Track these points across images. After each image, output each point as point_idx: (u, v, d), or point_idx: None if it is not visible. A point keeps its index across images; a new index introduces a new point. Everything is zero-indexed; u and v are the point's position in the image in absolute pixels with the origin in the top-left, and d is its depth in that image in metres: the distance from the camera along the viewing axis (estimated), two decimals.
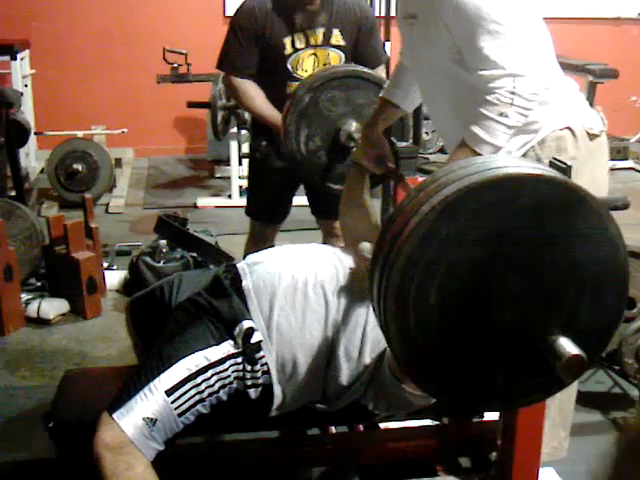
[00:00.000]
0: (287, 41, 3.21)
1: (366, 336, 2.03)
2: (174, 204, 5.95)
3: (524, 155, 2.22)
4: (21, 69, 6.41)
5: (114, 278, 4.35)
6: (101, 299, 4.11)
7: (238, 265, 2.20)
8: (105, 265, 4.44)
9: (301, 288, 2.06)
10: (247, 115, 5.61)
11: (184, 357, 1.95)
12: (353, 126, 2.88)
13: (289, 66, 3.24)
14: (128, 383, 1.96)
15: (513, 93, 1.99)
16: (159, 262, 4.10)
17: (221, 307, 2.06)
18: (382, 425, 2.57)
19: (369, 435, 2.57)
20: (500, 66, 2.00)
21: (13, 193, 4.67)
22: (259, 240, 3.56)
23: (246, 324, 2.00)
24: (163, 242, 4.14)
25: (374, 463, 2.54)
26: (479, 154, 2.01)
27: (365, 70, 3.02)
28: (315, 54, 3.26)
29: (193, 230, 4.39)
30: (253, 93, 3.28)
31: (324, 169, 2.97)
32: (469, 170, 1.46)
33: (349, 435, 2.63)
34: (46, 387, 3.31)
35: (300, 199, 3.62)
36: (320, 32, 3.23)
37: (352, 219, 2.59)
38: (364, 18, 3.35)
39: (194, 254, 4.16)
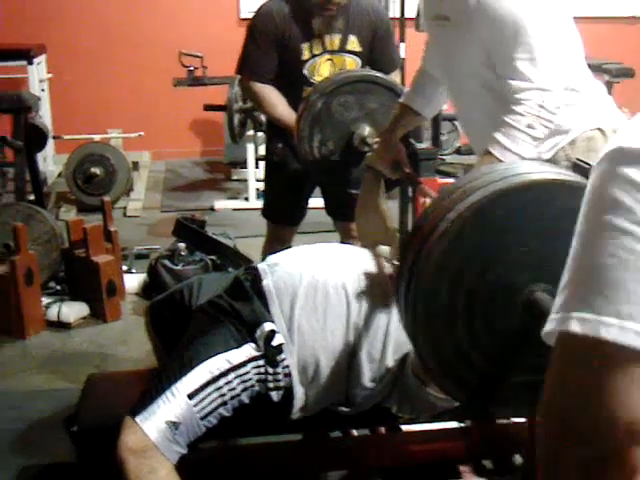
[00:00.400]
0: (305, 47, 3.21)
1: (389, 337, 2.03)
2: (191, 207, 5.95)
3: (554, 156, 2.23)
4: (38, 73, 6.44)
5: (133, 281, 4.36)
6: (120, 302, 4.12)
7: (259, 266, 2.21)
8: (124, 268, 4.45)
9: (322, 289, 2.06)
10: (263, 117, 5.62)
11: (206, 360, 1.96)
12: (366, 130, 2.87)
13: (306, 72, 3.24)
14: (150, 386, 1.97)
15: (541, 107, 2.03)
16: (178, 265, 4.11)
17: (242, 309, 2.06)
18: (404, 427, 2.56)
19: (392, 437, 2.57)
20: (529, 79, 2.03)
21: (32, 197, 4.69)
22: (276, 242, 3.57)
23: (267, 326, 2.01)
24: (182, 245, 4.14)
25: (397, 465, 2.54)
26: (501, 162, 2.03)
27: (377, 74, 3.03)
28: (331, 60, 3.26)
29: (211, 233, 4.40)
30: (275, 100, 3.28)
31: (338, 173, 2.97)
32: (493, 176, 1.47)
33: (372, 437, 2.63)
34: (67, 390, 3.31)
35: (317, 201, 3.62)
36: (337, 38, 3.24)
37: (368, 223, 2.59)
38: (379, 23, 3.35)
39: (213, 257, 4.17)
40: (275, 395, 2.03)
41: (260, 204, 5.78)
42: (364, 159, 2.79)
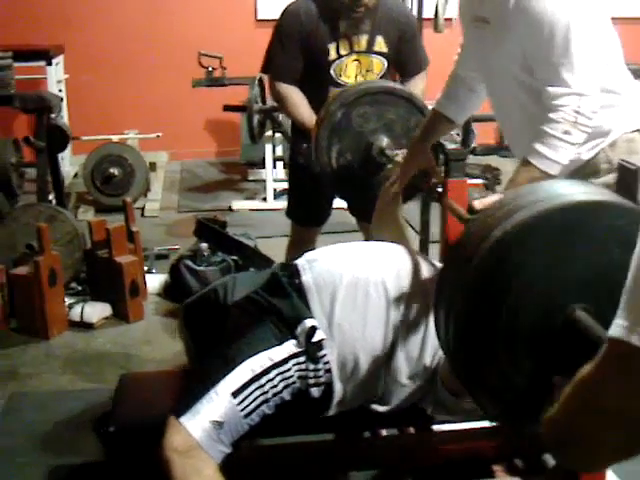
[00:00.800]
0: (332, 47, 3.21)
1: (427, 336, 2.04)
2: (209, 207, 5.97)
3: (594, 157, 2.23)
4: (56, 74, 6.45)
5: (154, 282, 4.37)
6: (143, 303, 4.13)
7: (298, 262, 2.20)
8: (145, 269, 4.45)
9: (362, 286, 2.06)
10: (282, 118, 5.63)
11: (248, 358, 1.96)
12: (385, 142, 2.86)
13: (332, 72, 3.25)
14: (193, 386, 1.98)
15: (577, 112, 2.02)
16: (200, 265, 4.11)
17: (281, 306, 2.06)
18: (436, 427, 2.56)
19: (424, 437, 2.56)
20: (566, 84, 2.03)
21: (51, 197, 4.70)
22: (301, 243, 3.57)
23: (308, 322, 2.01)
24: (204, 245, 4.15)
25: (429, 465, 2.54)
26: (542, 171, 2.04)
27: (397, 86, 3.06)
28: (358, 60, 3.26)
29: (232, 233, 4.40)
30: (297, 100, 3.29)
31: (355, 184, 2.96)
32: (538, 195, 1.48)
33: (403, 437, 2.63)
34: (94, 391, 3.34)
35: (340, 201, 3.62)
36: (364, 39, 3.24)
37: (384, 235, 2.59)
38: (406, 24, 3.35)
39: (235, 257, 4.17)
40: (315, 391, 2.04)
41: (278, 205, 5.87)
42: (382, 170, 2.78)
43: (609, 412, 1.00)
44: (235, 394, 1.92)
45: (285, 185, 6.03)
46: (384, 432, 2.65)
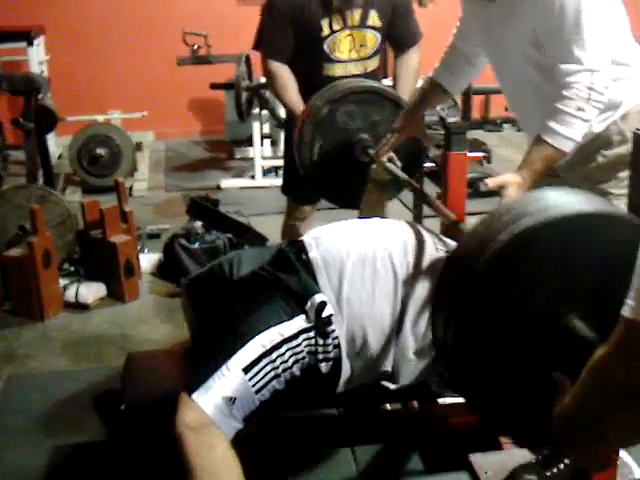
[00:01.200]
0: (324, 22, 3.19)
1: None
2: (196, 186, 5.94)
3: (606, 130, 2.24)
4: (37, 55, 6.39)
5: (148, 261, 4.36)
6: (138, 282, 4.12)
7: (304, 238, 2.20)
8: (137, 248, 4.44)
9: (370, 262, 2.07)
10: (269, 95, 5.61)
11: (258, 334, 1.96)
12: (368, 141, 2.86)
13: (326, 48, 3.23)
14: (203, 362, 1.97)
15: (590, 88, 2.04)
16: (194, 244, 4.10)
17: (290, 281, 2.06)
18: (441, 400, 2.58)
19: (430, 410, 2.57)
20: (578, 60, 2.04)
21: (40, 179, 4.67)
22: (296, 220, 3.58)
23: (318, 298, 2.01)
24: (198, 224, 4.14)
25: (435, 438, 2.56)
26: (556, 148, 2.07)
27: (383, 87, 3.05)
28: (351, 35, 3.24)
29: (225, 211, 4.40)
30: (286, 82, 3.27)
31: (334, 182, 2.96)
32: (546, 203, 1.49)
33: (409, 411, 2.64)
34: (91, 371, 3.34)
35: None
36: (357, 13, 3.21)
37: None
38: None
39: (229, 235, 4.16)
40: (324, 367, 2.04)
41: (267, 182, 5.87)
42: (364, 169, 2.75)
43: (620, 390, 1.04)
44: (246, 369, 1.92)
45: (272, 162, 6.06)
46: (388, 406, 2.67)
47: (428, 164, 4.88)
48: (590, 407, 1.11)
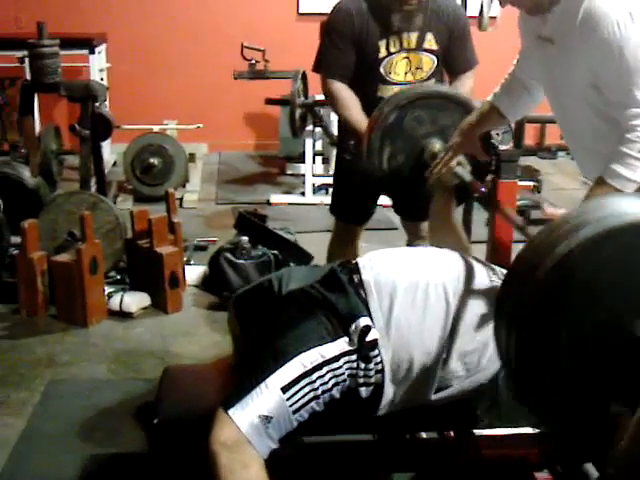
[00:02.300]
0: (382, 44, 3.17)
1: (487, 347, 2.00)
2: (247, 200, 5.97)
3: None
4: (98, 63, 6.47)
5: (193, 273, 4.37)
6: (182, 294, 4.13)
7: (359, 260, 2.18)
8: (183, 260, 4.45)
9: (422, 287, 2.04)
10: (323, 113, 5.62)
11: (299, 354, 1.93)
12: (437, 146, 2.82)
13: (382, 69, 3.21)
14: (242, 379, 1.95)
15: None
16: (240, 259, 4.10)
17: (337, 302, 2.03)
18: (477, 432, 2.53)
19: (465, 441, 2.53)
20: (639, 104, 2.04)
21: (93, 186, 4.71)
22: (344, 239, 3.55)
23: (363, 321, 1.97)
24: (245, 239, 4.13)
25: (469, 469, 2.50)
26: (618, 190, 2.06)
27: (452, 92, 3.00)
28: (408, 58, 3.22)
29: (272, 227, 4.39)
30: (349, 101, 3.24)
31: (406, 187, 2.92)
32: (605, 212, 1.47)
33: (444, 440, 2.59)
34: (131, 381, 3.35)
35: (384, 199, 3.61)
36: (414, 36, 3.19)
37: (441, 243, 2.57)
38: (457, 22, 3.30)
39: (275, 252, 4.15)
40: (364, 391, 2.00)
41: (317, 199, 5.87)
42: None
43: None
44: (285, 389, 1.89)
45: (323, 180, 6.06)
46: (424, 435, 2.63)
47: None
48: None
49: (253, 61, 6.10)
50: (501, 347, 1.55)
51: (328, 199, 3.97)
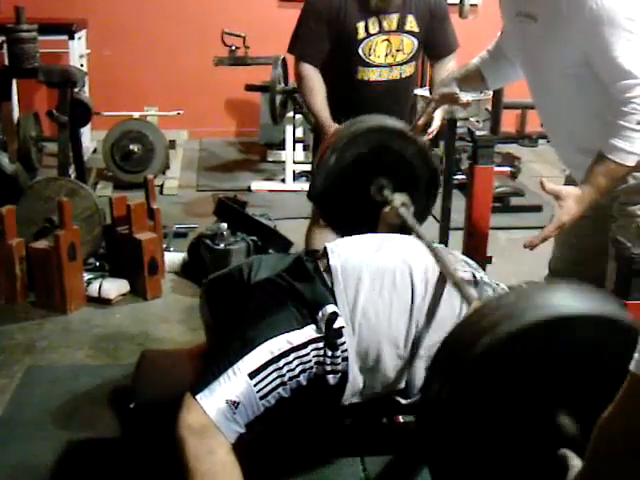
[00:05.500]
0: (360, 26, 3.17)
1: None
2: (227, 187, 5.94)
3: None
4: (78, 48, 6.43)
5: (172, 260, 4.36)
6: (161, 280, 4.13)
7: (327, 245, 2.19)
8: (163, 246, 4.44)
9: (389, 275, 2.04)
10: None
11: (267, 340, 1.95)
12: (382, 181, 2.69)
13: (361, 51, 3.21)
14: (211, 364, 1.97)
15: None
16: (220, 245, 4.09)
17: (304, 290, 2.05)
18: None
19: None
20: (633, 76, 2.04)
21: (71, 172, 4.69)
22: (321, 225, 3.55)
23: (329, 309, 1.99)
24: (224, 225, 4.13)
25: None
26: (619, 164, 2.08)
27: (386, 121, 2.78)
28: (388, 40, 3.23)
29: (252, 214, 4.39)
30: (315, 87, 3.26)
31: (344, 215, 2.81)
32: (529, 304, 1.48)
33: None
34: (110, 367, 3.35)
35: None
36: (394, 17, 3.20)
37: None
38: (437, 4, 3.32)
39: (254, 238, 4.15)
40: (332, 378, 2.02)
41: (297, 186, 5.86)
42: (380, 209, 2.66)
43: (621, 440, 1.08)
44: (252, 375, 1.91)
45: (304, 167, 6.05)
46: (401, 419, 2.65)
47: (459, 176, 4.86)
48: (600, 470, 1.12)
49: (234, 47, 6.08)
50: (424, 426, 1.60)
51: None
